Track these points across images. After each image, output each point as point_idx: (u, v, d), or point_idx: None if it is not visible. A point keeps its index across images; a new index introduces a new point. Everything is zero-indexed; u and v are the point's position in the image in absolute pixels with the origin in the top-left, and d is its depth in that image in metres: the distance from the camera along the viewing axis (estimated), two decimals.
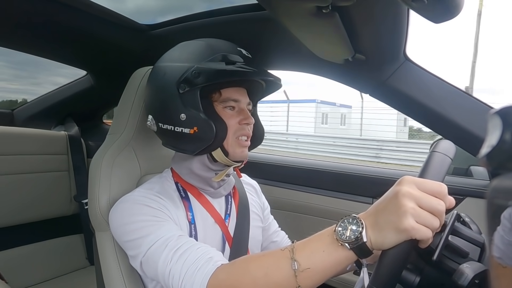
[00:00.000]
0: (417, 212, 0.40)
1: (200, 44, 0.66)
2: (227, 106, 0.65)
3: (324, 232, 0.47)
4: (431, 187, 0.41)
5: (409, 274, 0.49)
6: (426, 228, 0.40)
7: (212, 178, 0.67)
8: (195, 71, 0.60)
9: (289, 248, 0.47)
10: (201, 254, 0.53)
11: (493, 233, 0.29)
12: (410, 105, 0.90)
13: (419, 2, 0.44)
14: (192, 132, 0.61)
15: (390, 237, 0.41)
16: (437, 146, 0.50)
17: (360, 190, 1.15)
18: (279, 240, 0.87)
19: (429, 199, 0.41)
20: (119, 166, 0.74)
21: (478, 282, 0.41)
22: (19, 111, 1.67)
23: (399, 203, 0.41)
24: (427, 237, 0.40)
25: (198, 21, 1.02)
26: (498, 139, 0.31)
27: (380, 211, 0.43)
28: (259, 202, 0.85)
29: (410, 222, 0.39)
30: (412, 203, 0.40)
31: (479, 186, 0.98)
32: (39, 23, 0.99)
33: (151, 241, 0.56)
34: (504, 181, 0.30)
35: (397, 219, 0.40)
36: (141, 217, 0.59)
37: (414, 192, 0.41)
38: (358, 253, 0.43)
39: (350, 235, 0.43)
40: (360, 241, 0.42)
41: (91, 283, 0.93)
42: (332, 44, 0.74)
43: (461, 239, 0.48)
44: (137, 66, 0.81)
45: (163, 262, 0.54)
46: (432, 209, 0.40)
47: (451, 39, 25.55)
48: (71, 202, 1.54)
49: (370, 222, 0.43)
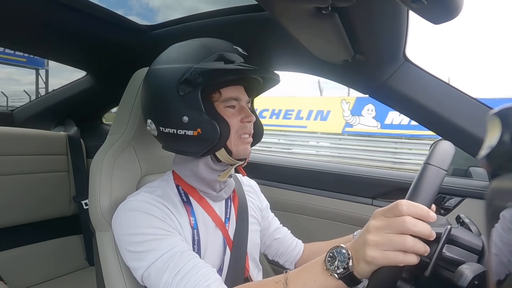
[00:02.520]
0: (378, 242, 0.42)
1: (196, 44, 0.65)
2: (228, 105, 0.65)
3: (315, 262, 0.49)
4: (392, 210, 0.43)
5: (404, 284, 0.50)
6: (393, 253, 0.41)
7: (217, 177, 0.67)
8: (194, 71, 0.59)
9: (282, 281, 0.50)
10: (200, 281, 0.54)
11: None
12: (409, 106, 0.90)
13: (419, 3, 0.44)
14: (195, 134, 0.60)
15: (364, 269, 0.43)
16: (433, 153, 0.48)
17: (360, 191, 1.15)
18: (282, 236, 0.87)
19: (391, 221, 0.43)
20: (120, 167, 0.74)
21: (478, 283, 0.41)
22: (19, 111, 1.67)
23: (363, 238, 0.44)
24: (397, 261, 0.41)
25: (198, 21, 1.03)
26: (498, 140, 0.31)
27: (356, 245, 0.46)
28: (258, 204, 0.85)
29: (371, 254, 0.42)
30: (374, 235, 0.43)
31: (478, 187, 0.98)
32: (40, 23, 0.99)
33: (154, 258, 0.57)
34: (503, 182, 0.30)
35: (362, 251, 0.43)
36: (145, 230, 0.59)
37: (377, 224, 0.44)
38: (347, 282, 0.45)
39: (338, 265, 0.45)
40: (347, 271, 0.44)
41: (90, 283, 0.93)
42: (332, 44, 0.74)
43: (458, 248, 0.47)
44: (137, 67, 0.81)
45: (164, 285, 0.55)
46: (396, 230, 0.42)
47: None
48: (70, 202, 1.54)
49: (353, 253, 0.45)
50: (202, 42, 0.65)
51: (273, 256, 0.88)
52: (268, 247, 0.88)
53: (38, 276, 1.39)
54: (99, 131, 1.79)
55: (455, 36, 20.28)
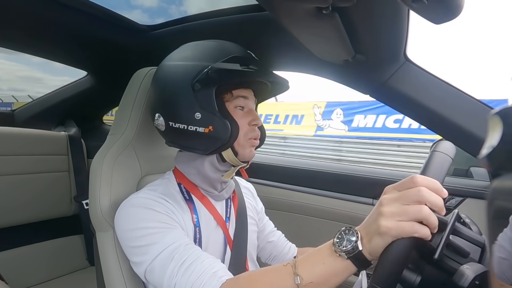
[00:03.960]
0: (394, 212, 0.42)
1: (212, 44, 0.67)
2: (237, 105, 0.66)
3: (323, 246, 0.49)
4: (406, 184, 0.44)
5: (410, 273, 0.50)
6: (408, 223, 0.41)
7: (221, 177, 0.68)
8: (211, 70, 0.60)
9: (291, 264, 0.50)
10: (206, 269, 0.54)
11: (495, 234, 0.29)
12: (410, 106, 0.90)
13: (419, 2, 0.44)
14: (206, 131, 0.61)
15: (378, 242, 0.43)
16: (437, 146, 0.50)
17: (360, 191, 1.15)
18: (275, 239, 0.87)
19: (405, 192, 0.43)
20: (120, 167, 0.74)
21: (479, 283, 0.41)
22: (20, 111, 1.67)
23: (378, 210, 0.44)
24: (412, 232, 0.41)
25: (199, 22, 1.02)
26: (499, 140, 0.31)
27: (368, 221, 0.46)
28: (255, 206, 0.86)
29: (386, 224, 0.42)
30: (388, 206, 0.43)
31: (479, 187, 0.98)
32: (40, 23, 0.99)
33: (158, 250, 0.56)
34: (504, 182, 0.30)
35: (376, 224, 0.43)
36: (148, 223, 0.59)
37: (391, 196, 0.44)
38: (356, 262, 0.45)
39: (347, 244, 0.45)
40: (356, 250, 0.44)
41: (91, 283, 0.93)
42: (332, 44, 0.74)
43: (462, 239, 0.48)
44: (138, 67, 0.81)
45: (169, 276, 0.54)
46: (411, 200, 0.42)
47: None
48: (71, 202, 1.54)
49: (363, 232, 0.45)
50: (218, 43, 0.67)
51: (266, 259, 0.89)
52: (261, 250, 0.88)
53: (39, 276, 1.39)
54: (100, 131, 1.79)
55: (456, 36, 20.25)
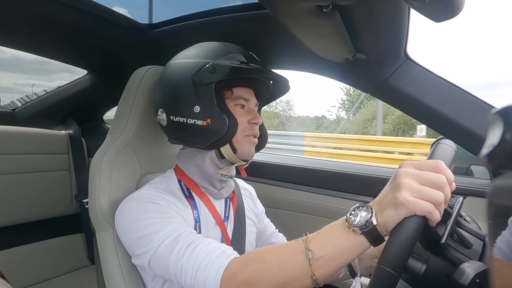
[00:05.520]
0: (413, 187, 0.41)
1: (215, 44, 0.69)
2: (237, 104, 0.68)
3: (337, 222, 0.49)
4: (429, 165, 0.43)
5: (416, 262, 0.50)
6: (426, 202, 0.40)
7: (218, 171, 0.69)
8: (211, 66, 0.62)
9: (303, 239, 0.49)
10: (213, 249, 0.54)
11: (495, 234, 0.29)
12: (411, 104, 0.89)
13: (420, 0, 0.44)
14: (205, 124, 0.62)
15: (391, 215, 0.42)
16: (440, 141, 0.52)
17: (361, 189, 1.15)
18: (278, 241, 0.88)
19: (427, 174, 0.42)
20: (120, 166, 0.74)
21: (479, 281, 0.42)
22: (20, 110, 1.67)
23: (395, 182, 0.43)
24: (427, 211, 0.40)
25: (199, 20, 1.02)
26: (499, 139, 0.31)
27: (383, 194, 0.46)
28: (253, 208, 0.86)
29: (405, 196, 0.41)
30: (408, 179, 0.42)
31: (480, 186, 0.98)
32: (40, 22, 0.99)
33: (163, 237, 0.56)
34: (505, 180, 0.30)
35: (393, 195, 0.42)
36: (151, 214, 0.59)
37: (411, 170, 0.43)
38: (369, 238, 0.44)
39: (361, 220, 0.44)
40: (370, 225, 0.43)
41: (92, 282, 0.93)
42: (333, 43, 0.74)
43: (465, 232, 0.49)
44: (138, 66, 0.81)
45: (175, 258, 0.54)
46: (431, 183, 0.42)
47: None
48: (72, 201, 1.54)
49: (377, 206, 0.45)
50: (221, 44, 0.69)
51: None
52: None
53: (40, 274, 1.40)
54: (100, 130, 1.79)
55: (457, 34, 20.17)
